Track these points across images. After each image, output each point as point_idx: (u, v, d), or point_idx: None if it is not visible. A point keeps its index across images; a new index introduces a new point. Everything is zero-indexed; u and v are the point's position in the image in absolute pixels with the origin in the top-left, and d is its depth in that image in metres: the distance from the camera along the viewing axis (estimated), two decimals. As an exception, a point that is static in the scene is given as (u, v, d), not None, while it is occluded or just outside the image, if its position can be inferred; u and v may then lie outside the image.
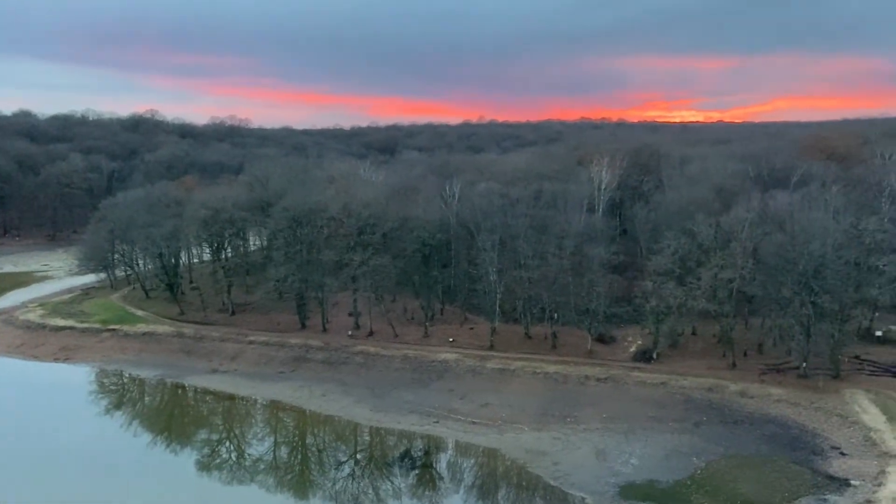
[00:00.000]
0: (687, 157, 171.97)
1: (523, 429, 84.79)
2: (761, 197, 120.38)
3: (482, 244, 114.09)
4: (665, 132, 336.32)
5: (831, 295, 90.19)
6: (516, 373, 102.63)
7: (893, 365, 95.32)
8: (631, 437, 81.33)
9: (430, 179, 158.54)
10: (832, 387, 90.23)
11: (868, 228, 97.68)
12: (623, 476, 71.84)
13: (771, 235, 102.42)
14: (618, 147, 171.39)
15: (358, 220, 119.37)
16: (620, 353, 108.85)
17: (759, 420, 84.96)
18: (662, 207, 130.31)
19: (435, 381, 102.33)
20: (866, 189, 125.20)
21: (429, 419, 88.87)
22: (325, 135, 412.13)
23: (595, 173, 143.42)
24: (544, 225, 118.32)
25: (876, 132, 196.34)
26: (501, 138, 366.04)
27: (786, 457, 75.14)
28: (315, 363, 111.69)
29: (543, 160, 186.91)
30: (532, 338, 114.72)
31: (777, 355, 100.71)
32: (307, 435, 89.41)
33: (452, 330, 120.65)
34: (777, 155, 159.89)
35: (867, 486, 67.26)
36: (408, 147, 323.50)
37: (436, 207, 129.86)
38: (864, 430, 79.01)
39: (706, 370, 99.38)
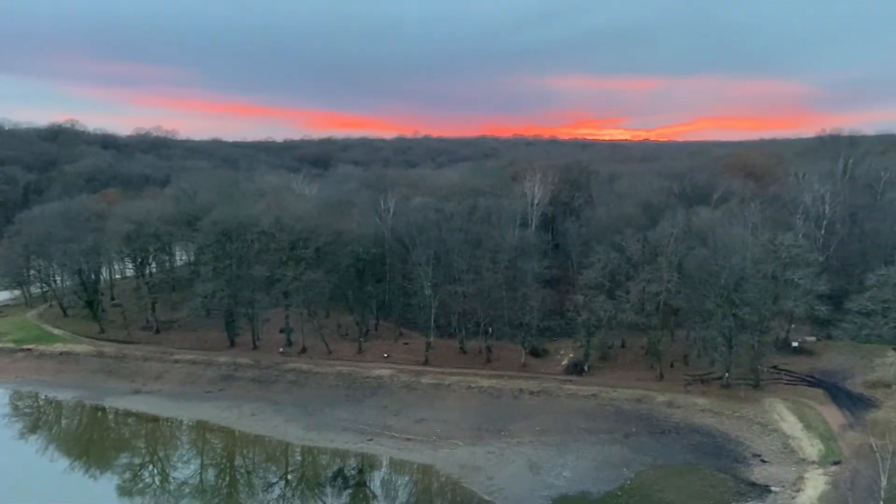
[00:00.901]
0: (616, 174, 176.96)
1: (458, 444, 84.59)
2: (685, 213, 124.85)
3: (417, 259, 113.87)
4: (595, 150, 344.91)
5: (751, 307, 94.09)
6: (451, 388, 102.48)
7: (809, 374, 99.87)
8: (563, 449, 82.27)
9: (364, 193, 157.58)
10: (753, 396, 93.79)
11: (784, 243, 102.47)
12: (556, 489, 72.50)
13: (695, 250, 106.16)
14: (550, 163, 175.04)
15: (290, 234, 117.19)
16: (553, 366, 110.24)
17: (686, 430, 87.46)
18: (593, 222, 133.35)
19: (369, 397, 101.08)
20: (782, 206, 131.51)
21: (363, 437, 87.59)
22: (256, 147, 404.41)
23: (528, 189, 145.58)
24: (479, 239, 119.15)
25: (790, 152, 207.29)
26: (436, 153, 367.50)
27: (710, 465, 77.49)
28: (244, 382, 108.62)
29: (478, 175, 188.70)
30: (467, 352, 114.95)
31: (702, 366, 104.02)
32: (236, 456, 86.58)
33: (387, 345, 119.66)
34: (700, 173, 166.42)
35: (787, 492, 69.97)
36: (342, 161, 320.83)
37: (370, 222, 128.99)
38: (783, 438, 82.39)
39: (635, 381, 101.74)
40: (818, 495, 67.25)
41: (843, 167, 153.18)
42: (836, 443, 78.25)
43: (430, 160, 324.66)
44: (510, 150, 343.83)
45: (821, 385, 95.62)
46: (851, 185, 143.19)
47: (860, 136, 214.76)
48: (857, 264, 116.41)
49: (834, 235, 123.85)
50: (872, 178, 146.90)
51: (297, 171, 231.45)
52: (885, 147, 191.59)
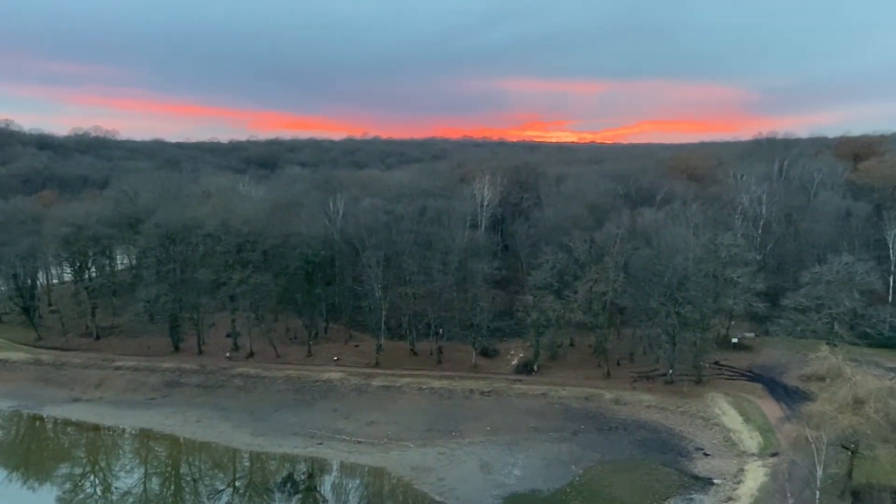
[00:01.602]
0: (563, 176, 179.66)
1: (409, 446, 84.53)
2: (630, 214, 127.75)
3: (367, 261, 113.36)
4: (543, 151, 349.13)
5: (693, 305, 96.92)
6: (402, 389, 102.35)
7: (748, 369, 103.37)
8: (514, 448, 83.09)
9: (313, 195, 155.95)
10: (696, 391, 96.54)
11: (724, 243, 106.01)
12: (507, 487, 73.16)
13: (639, 250, 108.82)
14: (499, 165, 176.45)
15: (237, 236, 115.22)
16: (503, 366, 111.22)
17: (632, 426, 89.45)
18: (541, 223, 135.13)
19: (319, 401, 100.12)
20: (722, 207, 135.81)
21: (312, 441, 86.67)
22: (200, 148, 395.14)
23: (477, 190, 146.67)
24: (429, 241, 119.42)
25: (729, 154, 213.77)
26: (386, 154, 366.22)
27: (656, 460, 79.44)
28: (190, 387, 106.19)
29: (427, 177, 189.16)
30: (418, 354, 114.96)
31: (647, 363, 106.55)
32: (181, 464, 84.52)
33: (337, 348, 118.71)
34: (644, 175, 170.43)
35: (728, 484, 72.26)
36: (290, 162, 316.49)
37: (319, 223, 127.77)
38: (725, 432, 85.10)
39: (583, 380, 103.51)
40: (758, 486, 69.65)
41: (778, 169, 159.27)
42: (774, 435, 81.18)
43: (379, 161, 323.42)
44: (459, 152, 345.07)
45: (759, 380, 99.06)
46: (787, 186, 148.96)
47: (794, 139, 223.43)
48: (793, 263, 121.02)
49: (770, 235, 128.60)
50: (806, 179, 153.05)
51: (243, 173, 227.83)
52: (817, 149, 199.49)
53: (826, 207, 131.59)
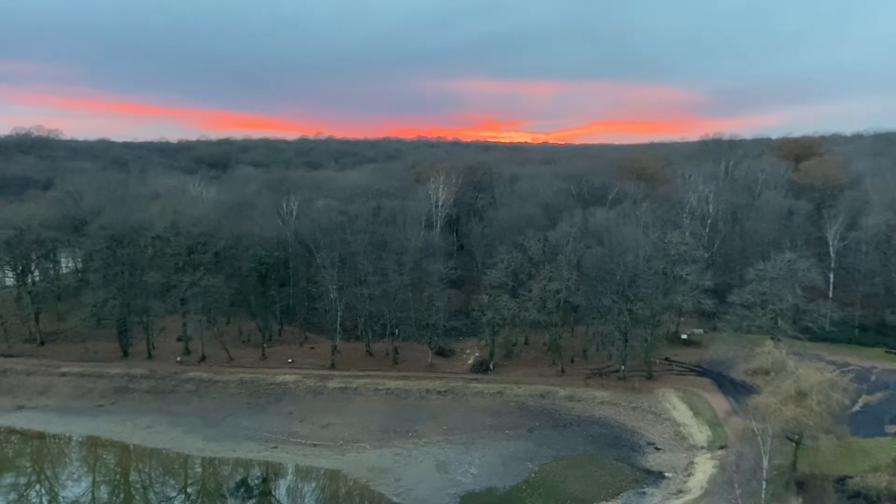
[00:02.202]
0: (517, 176, 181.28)
1: (365, 447, 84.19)
2: (583, 213, 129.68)
3: (322, 261, 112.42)
4: (497, 152, 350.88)
5: (644, 302, 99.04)
6: (358, 391, 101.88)
7: (697, 364, 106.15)
8: (471, 447, 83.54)
9: (266, 196, 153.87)
10: (647, 387, 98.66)
11: (673, 241, 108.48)
12: (463, 486, 73.53)
13: (592, 249, 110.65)
14: (453, 165, 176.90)
15: (187, 238, 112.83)
16: (459, 365, 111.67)
17: (586, 422, 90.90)
18: (496, 223, 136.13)
19: (273, 404, 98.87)
20: (670, 206, 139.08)
21: (267, 445, 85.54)
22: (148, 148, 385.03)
23: (432, 190, 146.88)
24: (384, 241, 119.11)
25: (678, 155, 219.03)
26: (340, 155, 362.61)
27: (609, 455, 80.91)
28: (139, 393, 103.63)
29: (382, 177, 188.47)
30: (374, 354, 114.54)
31: (600, 360, 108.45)
32: (131, 471, 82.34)
33: (292, 350, 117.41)
34: (595, 175, 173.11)
35: (679, 477, 74.14)
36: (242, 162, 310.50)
37: (273, 224, 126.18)
38: (675, 426, 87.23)
39: (538, 377, 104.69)
40: (707, 479, 71.60)
41: (724, 169, 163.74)
42: (722, 428, 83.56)
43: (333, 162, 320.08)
44: (414, 152, 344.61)
45: (708, 374, 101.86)
46: (732, 185, 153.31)
47: (739, 140, 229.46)
48: (738, 260, 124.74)
49: (717, 233, 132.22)
50: (751, 179, 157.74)
51: (193, 173, 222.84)
52: (761, 150, 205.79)
53: (769, 206, 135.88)
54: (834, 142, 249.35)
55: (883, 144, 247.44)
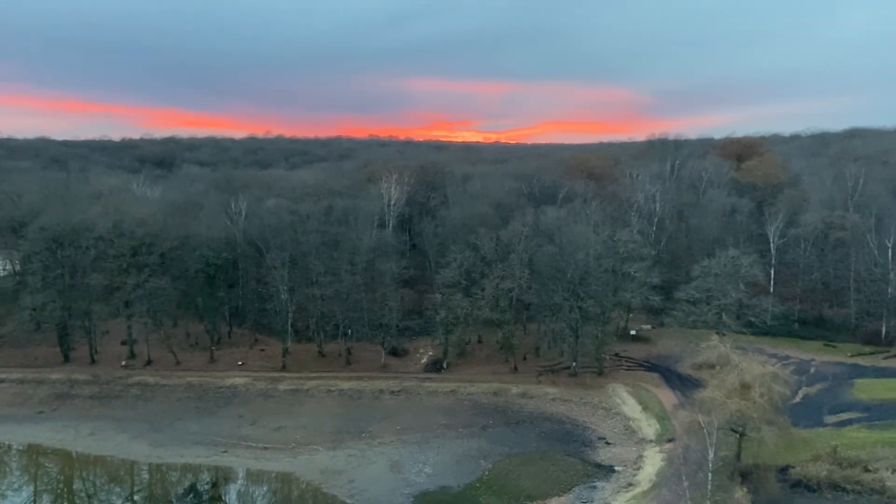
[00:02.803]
0: (469, 175, 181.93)
1: (318, 449, 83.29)
2: (534, 212, 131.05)
3: (272, 262, 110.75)
4: (449, 151, 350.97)
5: (594, 299, 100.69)
6: (310, 392, 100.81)
7: (646, 360, 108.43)
8: (424, 446, 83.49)
9: (213, 195, 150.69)
10: (598, 383, 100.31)
11: (621, 239, 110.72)
12: (417, 486, 73.41)
13: (543, 247, 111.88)
14: (406, 164, 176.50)
15: (131, 239, 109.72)
16: (413, 364, 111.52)
17: (538, 418, 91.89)
18: (448, 222, 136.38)
19: (223, 407, 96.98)
20: (619, 205, 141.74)
21: (216, 449, 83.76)
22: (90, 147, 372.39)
23: (385, 190, 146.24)
24: (336, 241, 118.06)
25: (625, 154, 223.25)
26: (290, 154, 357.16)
27: (561, 450, 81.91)
28: (82, 399, 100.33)
29: (334, 176, 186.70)
30: (326, 355, 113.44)
31: (552, 357, 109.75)
32: (74, 479, 79.58)
33: (241, 353, 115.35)
34: (546, 174, 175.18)
35: (628, 470, 75.55)
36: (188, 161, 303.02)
37: (221, 225, 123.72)
38: (625, 420, 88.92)
39: (491, 375, 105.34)
40: (655, 471, 73.17)
41: (670, 168, 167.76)
42: (670, 422, 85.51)
43: (283, 161, 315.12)
44: (366, 151, 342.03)
45: (656, 369, 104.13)
46: (678, 184, 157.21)
47: (684, 140, 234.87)
48: (684, 257, 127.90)
49: (664, 231, 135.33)
50: (695, 178, 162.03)
51: (137, 172, 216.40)
52: (705, 150, 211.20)
53: (713, 205, 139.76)
54: (774, 142, 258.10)
55: (819, 145, 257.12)
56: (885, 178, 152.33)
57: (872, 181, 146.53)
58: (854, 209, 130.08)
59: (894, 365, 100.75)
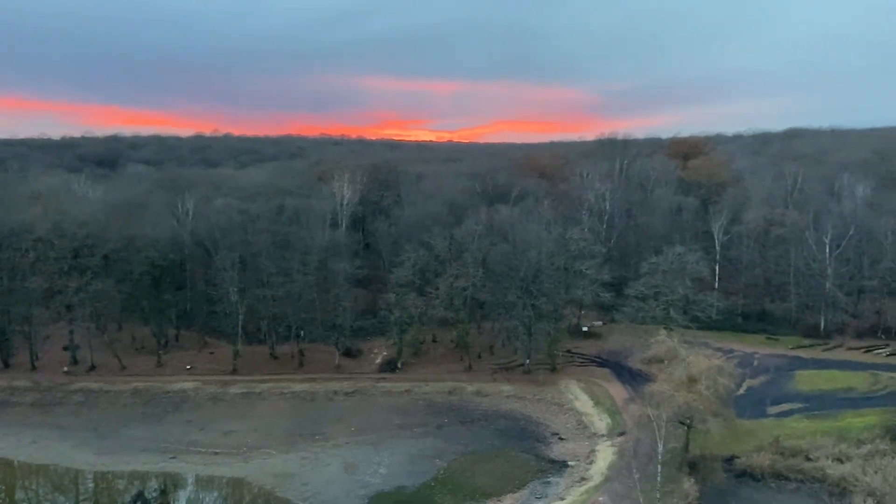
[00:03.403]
0: (422, 174, 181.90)
1: (271, 453, 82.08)
2: (487, 211, 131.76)
3: (221, 263, 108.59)
4: (402, 150, 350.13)
5: (547, 297, 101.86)
6: (262, 395, 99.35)
7: (597, 355, 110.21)
8: (379, 446, 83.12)
9: (158, 195, 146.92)
10: (551, 379, 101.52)
11: (573, 237, 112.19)
12: (372, 487, 73.06)
13: (497, 246, 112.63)
14: (358, 163, 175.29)
15: (72, 240, 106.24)
16: (367, 365, 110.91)
17: (493, 416, 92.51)
18: (402, 221, 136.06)
19: (171, 413, 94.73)
20: (570, 203, 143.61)
21: (164, 455, 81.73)
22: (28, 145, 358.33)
23: (337, 189, 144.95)
24: (287, 241, 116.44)
25: (575, 153, 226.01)
26: (239, 152, 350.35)
27: (515, 447, 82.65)
28: (22, 407, 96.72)
29: (284, 175, 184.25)
30: (278, 357, 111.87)
31: (506, 355, 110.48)
32: (16, 490, 76.55)
33: (190, 356, 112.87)
34: (499, 173, 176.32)
35: (581, 464, 76.70)
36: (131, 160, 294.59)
37: (167, 225, 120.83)
38: (577, 416, 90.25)
39: (446, 374, 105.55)
40: (607, 465, 74.49)
41: (619, 168, 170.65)
42: (621, 416, 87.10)
43: (232, 159, 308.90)
44: (317, 150, 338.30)
45: (607, 365, 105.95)
46: (627, 183, 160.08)
47: (633, 139, 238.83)
48: (633, 254, 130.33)
49: (614, 229, 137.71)
50: (643, 177, 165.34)
51: (78, 172, 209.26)
52: (653, 149, 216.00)
53: (661, 203, 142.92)
54: (718, 141, 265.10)
55: (760, 144, 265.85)
56: (821, 177, 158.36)
57: (810, 180, 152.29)
58: (793, 206, 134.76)
59: (832, 357, 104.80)
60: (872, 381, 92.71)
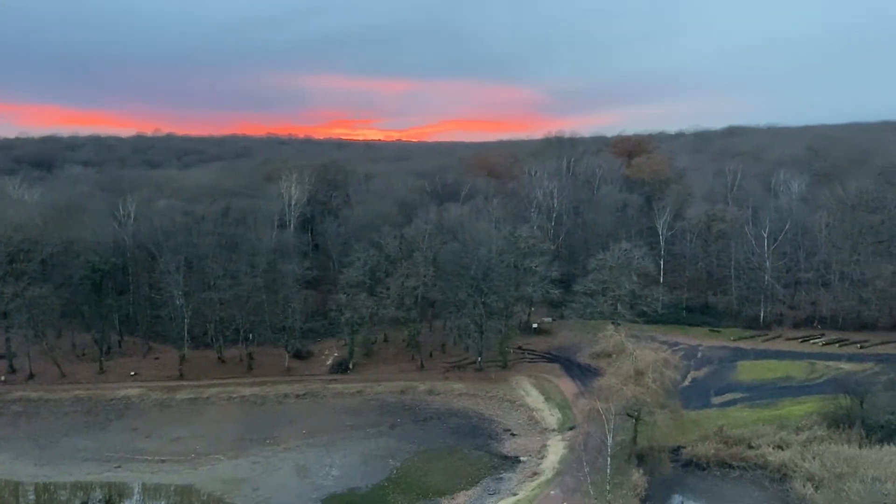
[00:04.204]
0: (371, 174, 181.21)
1: (220, 458, 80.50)
2: (437, 210, 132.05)
3: (165, 266, 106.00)
4: (350, 149, 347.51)
5: (497, 295, 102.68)
6: (210, 400, 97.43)
7: (547, 351, 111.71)
8: (331, 448, 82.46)
9: (99, 197, 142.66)
10: (502, 376, 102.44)
11: (522, 235, 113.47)
12: (324, 489, 72.43)
13: (447, 244, 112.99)
14: (306, 163, 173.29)
15: (8, 245, 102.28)
16: (318, 367, 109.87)
17: (446, 414, 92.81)
18: (351, 221, 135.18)
19: (115, 421, 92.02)
20: (519, 201, 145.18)
21: (109, 465, 79.29)
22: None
23: (285, 189, 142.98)
24: (234, 243, 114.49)
25: (524, 152, 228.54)
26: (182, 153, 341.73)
27: (468, 444, 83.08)
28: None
29: (230, 176, 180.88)
30: (226, 361, 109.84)
31: (458, 353, 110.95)
32: (-53, 509, 73.27)
33: (134, 362, 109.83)
34: (448, 172, 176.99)
35: (533, 460, 77.65)
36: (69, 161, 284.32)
37: (108, 228, 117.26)
38: (529, 411, 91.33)
39: (398, 374, 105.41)
40: (558, 459, 75.63)
41: (566, 166, 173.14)
42: (571, 410, 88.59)
43: (175, 160, 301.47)
44: (264, 150, 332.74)
45: (557, 360, 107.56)
46: (574, 181, 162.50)
47: (579, 137, 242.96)
48: (581, 251, 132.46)
49: (562, 226, 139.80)
50: (590, 175, 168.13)
51: (13, 174, 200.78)
52: (598, 147, 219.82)
53: (607, 200, 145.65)
54: (661, 139, 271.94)
55: (701, 142, 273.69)
56: (759, 174, 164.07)
57: (748, 176, 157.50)
58: (733, 202, 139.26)
59: (772, 347, 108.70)
60: (809, 369, 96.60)
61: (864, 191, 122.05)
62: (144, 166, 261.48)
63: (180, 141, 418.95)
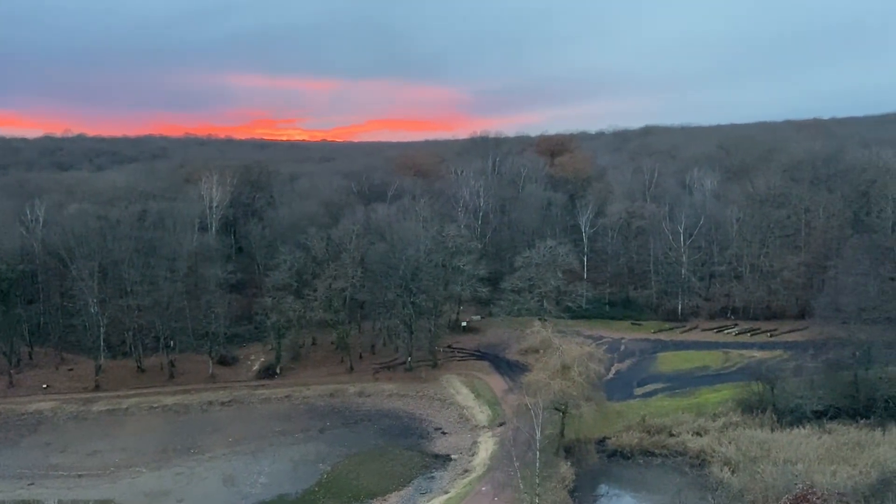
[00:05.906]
0: (296, 174, 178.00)
1: (141, 471, 77.54)
2: (365, 210, 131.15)
3: (78, 273, 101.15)
4: (274, 150, 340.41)
5: (426, 294, 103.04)
6: (129, 411, 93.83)
7: (476, 349, 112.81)
8: (259, 455, 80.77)
9: (4, 202, 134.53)
10: (433, 375, 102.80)
11: (450, 234, 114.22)
12: (252, 497, 70.88)
13: (375, 245, 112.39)
14: (227, 164, 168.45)
15: None
16: (244, 372, 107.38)
17: (376, 416, 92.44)
18: (276, 223, 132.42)
19: (27, 436, 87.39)
20: (446, 200, 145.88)
21: (21, 482, 75.18)
22: None
23: (205, 191, 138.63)
24: (152, 247, 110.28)
25: (450, 152, 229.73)
26: (95, 154, 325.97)
27: (400, 445, 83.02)
28: None
29: (147, 178, 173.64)
30: (146, 370, 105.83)
31: (388, 354, 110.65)
32: None
33: (46, 374, 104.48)
34: (375, 172, 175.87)
35: (464, 457, 78.31)
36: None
37: (14, 234, 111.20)
38: (459, 409, 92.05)
39: (327, 377, 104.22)
40: (489, 455, 76.50)
41: (492, 165, 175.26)
42: (501, 406, 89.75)
43: (87, 162, 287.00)
44: (182, 151, 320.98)
45: (486, 357, 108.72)
46: (499, 180, 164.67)
47: (504, 137, 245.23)
48: (508, 249, 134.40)
49: (489, 225, 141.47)
50: (515, 174, 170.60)
51: None
52: (523, 147, 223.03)
53: (532, 198, 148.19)
54: (582, 139, 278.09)
55: (620, 141, 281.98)
56: (675, 171, 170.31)
57: (665, 174, 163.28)
58: (651, 199, 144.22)
59: (689, 338, 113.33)
60: (724, 358, 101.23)
61: (772, 187, 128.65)
62: (53, 168, 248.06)
63: (92, 142, 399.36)
